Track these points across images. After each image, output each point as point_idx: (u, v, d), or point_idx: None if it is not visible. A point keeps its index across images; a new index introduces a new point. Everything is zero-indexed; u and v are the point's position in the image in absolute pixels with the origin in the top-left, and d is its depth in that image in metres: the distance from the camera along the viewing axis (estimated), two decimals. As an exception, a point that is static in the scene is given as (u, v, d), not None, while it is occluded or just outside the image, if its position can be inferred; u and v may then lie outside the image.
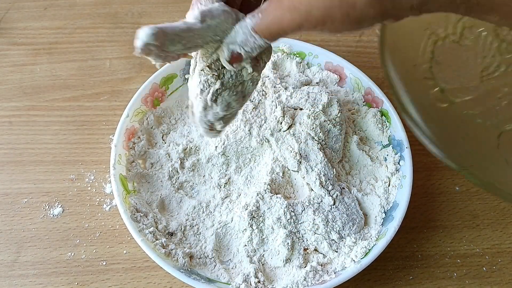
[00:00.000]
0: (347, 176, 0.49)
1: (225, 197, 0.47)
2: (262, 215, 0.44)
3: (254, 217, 0.44)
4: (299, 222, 0.44)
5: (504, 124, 0.46)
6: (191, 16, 0.33)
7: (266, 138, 0.47)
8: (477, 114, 0.46)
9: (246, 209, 0.44)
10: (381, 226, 0.45)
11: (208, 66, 0.35)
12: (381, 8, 0.27)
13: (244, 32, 0.31)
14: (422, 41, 0.49)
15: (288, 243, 0.43)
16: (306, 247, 0.44)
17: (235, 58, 0.32)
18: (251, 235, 0.44)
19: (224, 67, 0.34)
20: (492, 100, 0.47)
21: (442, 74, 0.49)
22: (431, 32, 0.49)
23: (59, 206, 0.49)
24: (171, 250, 0.43)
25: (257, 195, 0.45)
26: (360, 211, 0.46)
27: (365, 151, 0.49)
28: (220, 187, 0.47)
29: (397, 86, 0.43)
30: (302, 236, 0.44)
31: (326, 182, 0.46)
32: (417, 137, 0.42)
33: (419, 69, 0.48)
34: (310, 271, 0.42)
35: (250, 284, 0.42)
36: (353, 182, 0.48)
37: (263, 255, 0.44)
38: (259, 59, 0.35)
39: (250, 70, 0.34)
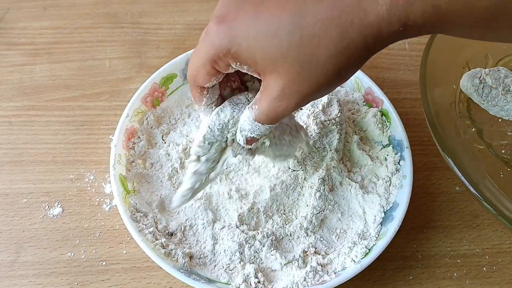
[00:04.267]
0: (349, 173, 0.49)
1: (229, 198, 0.47)
2: (254, 238, 0.44)
3: (247, 241, 0.44)
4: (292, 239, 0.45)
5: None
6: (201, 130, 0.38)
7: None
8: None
9: (240, 224, 0.45)
10: (381, 226, 0.45)
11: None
12: (361, 61, 0.29)
13: (249, 122, 0.34)
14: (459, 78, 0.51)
15: (283, 258, 0.44)
16: (305, 250, 0.44)
17: (250, 141, 0.36)
18: (244, 245, 0.44)
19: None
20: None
21: (479, 116, 0.50)
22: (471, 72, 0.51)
23: (59, 206, 0.49)
24: (171, 250, 0.43)
25: (250, 209, 0.45)
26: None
27: (365, 151, 0.49)
28: (220, 187, 0.47)
29: (435, 124, 0.45)
30: (297, 242, 0.45)
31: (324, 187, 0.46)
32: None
33: (457, 107, 0.49)
34: (310, 271, 0.42)
35: (250, 284, 0.42)
36: (355, 179, 0.48)
37: (261, 259, 0.44)
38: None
39: (267, 143, 0.38)
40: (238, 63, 0.31)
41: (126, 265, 0.46)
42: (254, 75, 0.32)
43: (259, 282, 0.42)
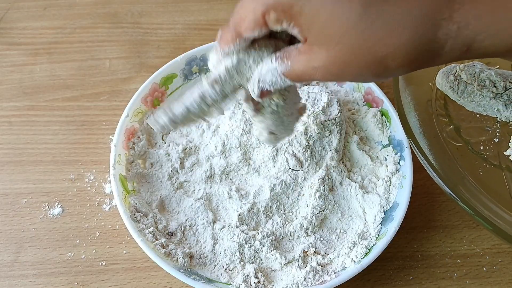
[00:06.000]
0: (349, 173, 0.49)
1: (229, 198, 0.47)
2: (254, 238, 0.44)
3: (247, 241, 0.44)
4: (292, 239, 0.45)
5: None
6: (211, 61, 0.36)
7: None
8: (491, 156, 0.47)
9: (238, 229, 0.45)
10: (381, 226, 0.45)
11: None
12: (412, 68, 0.29)
13: (273, 74, 0.33)
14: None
15: (283, 258, 0.44)
16: (305, 250, 0.44)
17: (264, 94, 0.34)
18: (244, 245, 0.44)
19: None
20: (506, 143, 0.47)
21: (457, 113, 0.49)
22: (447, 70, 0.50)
23: (59, 206, 0.49)
24: (171, 250, 0.43)
25: (250, 210, 0.45)
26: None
27: (365, 151, 0.49)
28: (220, 187, 0.47)
29: (411, 120, 0.44)
30: (297, 242, 0.45)
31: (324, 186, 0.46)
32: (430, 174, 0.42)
33: (433, 105, 0.48)
34: (310, 271, 0.42)
35: (250, 284, 0.42)
36: (355, 179, 0.48)
37: (261, 259, 0.44)
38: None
39: (282, 103, 0.37)
40: (292, 23, 0.30)
41: (126, 265, 0.46)
42: (297, 36, 0.31)
43: (259, 282, 0.42)
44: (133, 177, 0.47)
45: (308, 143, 0.47)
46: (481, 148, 0.47)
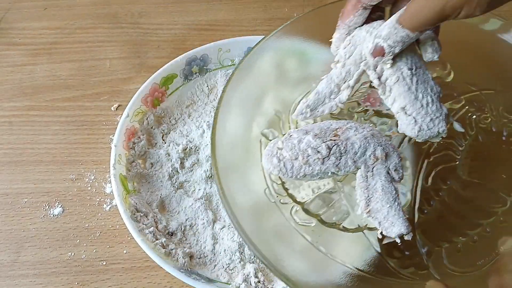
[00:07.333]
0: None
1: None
2: None
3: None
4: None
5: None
6: (335, 44, 0.39)
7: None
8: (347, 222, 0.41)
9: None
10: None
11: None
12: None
13: (389, 26, 0.33)
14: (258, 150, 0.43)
15: None
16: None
17: (377, 52, 0.34)
18: (244, 245, 0.44)
19: None
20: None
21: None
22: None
23: (59, 206, 0.49)
24: (171, 250, 0.43)
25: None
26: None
27: None
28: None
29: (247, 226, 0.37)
30: None
31: None
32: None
33: (272, 193, 0.42)
34: (310, 271, 0.42)
35: (250, 284, 0.42)
36: None
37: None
38: None
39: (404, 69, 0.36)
40: None
41: (126, 265, 0.46)
42: None
43: (259, 281, 0.42)
44: (133, 177, 0.47)
45: None
46: (333, 218, 0.41)
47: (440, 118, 0.37)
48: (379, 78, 0.37)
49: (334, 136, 0.38)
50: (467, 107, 0.46)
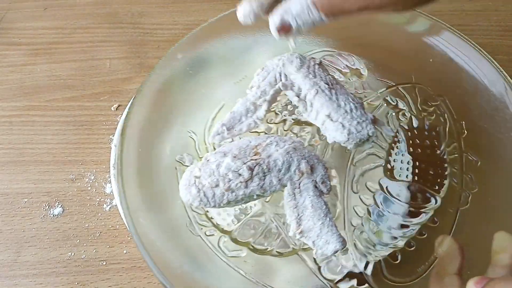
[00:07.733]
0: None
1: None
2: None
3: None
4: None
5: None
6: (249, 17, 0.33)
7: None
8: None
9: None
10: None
11: None
12: None
13: (301, 3, 0.29)
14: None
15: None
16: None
17: (283, 29, 0.31)
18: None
19: None
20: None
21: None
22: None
23: (59, 206, 0.49)
24: (171, 250, 0.43)
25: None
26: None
27: None
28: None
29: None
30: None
31: None
32: None
33: (195, 226, 0.40)
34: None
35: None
36: None
37: None
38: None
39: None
40: None
41: (126, 265, 0.46)
42: None
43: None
44: (133, 177, 0.47)
45: None
46: (265, 244, 0.39)
47: (366, 122, 0.37)
48: (298, 96, 0.36)
49: (255, 154, 0.35)
50: (385, 104, 0.46)
